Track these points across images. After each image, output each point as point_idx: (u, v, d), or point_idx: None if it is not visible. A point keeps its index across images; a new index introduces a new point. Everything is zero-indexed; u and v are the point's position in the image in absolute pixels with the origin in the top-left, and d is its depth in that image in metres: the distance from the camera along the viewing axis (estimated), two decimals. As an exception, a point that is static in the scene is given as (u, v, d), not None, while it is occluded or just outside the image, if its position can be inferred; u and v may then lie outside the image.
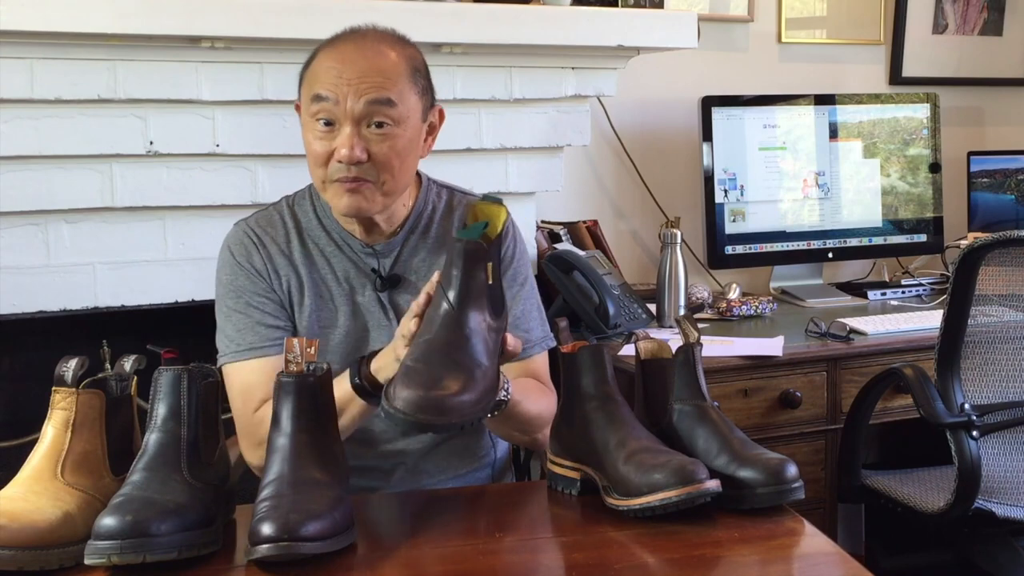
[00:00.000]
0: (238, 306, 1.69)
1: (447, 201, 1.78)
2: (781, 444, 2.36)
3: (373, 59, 1.60)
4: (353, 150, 1.57)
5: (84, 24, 2.09)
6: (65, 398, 1.29)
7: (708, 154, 2.96)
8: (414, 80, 1.63)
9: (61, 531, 1.21)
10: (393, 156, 1.60)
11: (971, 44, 3.54)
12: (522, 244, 1.80)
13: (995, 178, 3.35)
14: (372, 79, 1.58)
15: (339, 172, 1.60)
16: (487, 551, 1.28)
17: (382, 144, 1.59)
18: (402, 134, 1.60)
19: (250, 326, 1.68)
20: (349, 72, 1.58)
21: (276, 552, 1.16)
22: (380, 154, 1.59)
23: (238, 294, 1.70)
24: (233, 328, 1.69)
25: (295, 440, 1.28)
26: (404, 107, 1.60)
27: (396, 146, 1.60)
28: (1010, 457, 2.25)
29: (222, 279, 1.73)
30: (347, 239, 1.72)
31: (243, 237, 1.73)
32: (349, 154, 1.57)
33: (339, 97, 1.57)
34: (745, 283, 3.05)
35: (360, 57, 1.60)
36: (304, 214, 1.75)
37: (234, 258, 1.72)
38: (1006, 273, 2.19)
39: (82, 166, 2.23)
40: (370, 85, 1.57)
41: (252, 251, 1.71)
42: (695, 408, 1.43)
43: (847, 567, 1.24)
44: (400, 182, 1.64)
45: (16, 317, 2.25)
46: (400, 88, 1.60)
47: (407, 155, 1.63)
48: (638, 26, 2.60)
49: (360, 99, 1.57)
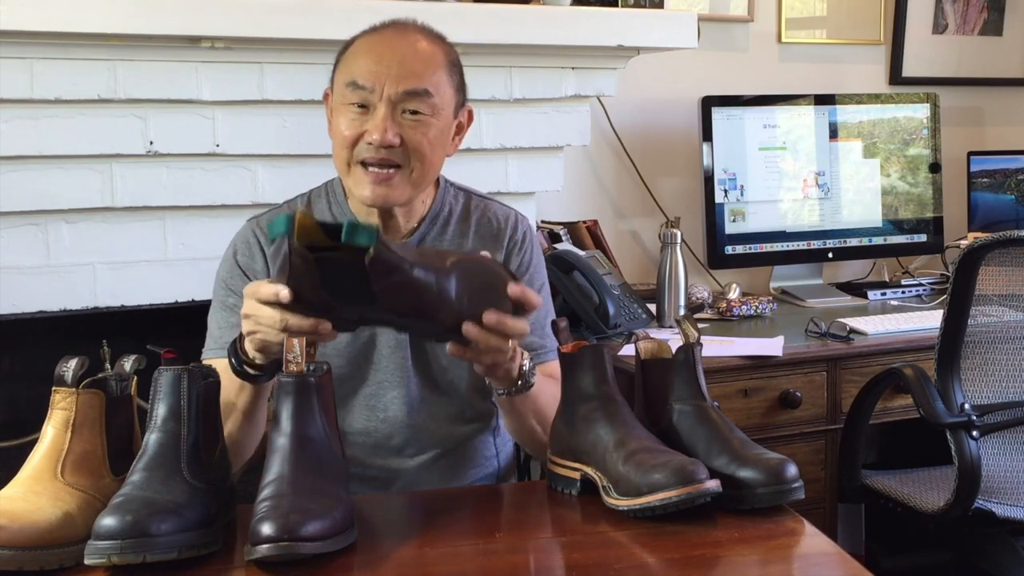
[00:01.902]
0: (226, 304, 1.70)
1: (464, 204, 1.77)
2: (781, 444, 2.36)
3: (413, 47, 1.61)
4: (386, 133, 1.57)
5: (84, 24, 2.09)
6: (65, 398, 1.29)
7: (708, 154, 2.96)
8: (451, 73, 1.65)
9: (61, 531, 1.21)
10: (425, 143, 1.60)
11: (971, 44, 3.54)
12: (539, 252, 1.81)
13: (995, 178, 3.35)
14: (411, 67, 1.59)
15: (366, 152, 1.59)
16: (487, 551, 1.28)
17: (415, 130, 1.59)
18: (436, 124, 1.61)
19: (233, 326, 1.68)
20: (389, 58, 1.59)
21: (276, 552, 1.16)
22: (413, 140, 1.59)
23: (229, 293, 1.70)
24: (216, 325, 1.71)
25: (295, 440, 1.28)
26: (440, 98, 1.61)
27: (429, 134, 1.60)
28: (1010, 457, 2.25)
29: (220, 274, 1.74)
30: None
31: (250, 236, 1.73)
32: (382, 137, 1.57)
33: (376, 84, 1.58)
34: (745, 283, 3.05)
35: (402, 45, 1.61)
36: (320, 210, 1.74)
37: (235, 258, 1.72)
38: (1006, 273, 2.20)
39: (82, 166, 2.23)
40: (409, 72, 1.58)
41: (256, 253, 1.71)
42: (695, 408, 1.43)
43: (847, 567, 1.24)
44: (428, 173, 1.64)
45: (16, 317, 2.25)
46: (437, 79, 1.61)
47: (438, 146, 1.63)
48: (638, 26, 2.60)
49: (398, 86, 1.58)
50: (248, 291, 1.36)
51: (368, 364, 1.71)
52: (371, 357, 1.71)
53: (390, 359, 1.70)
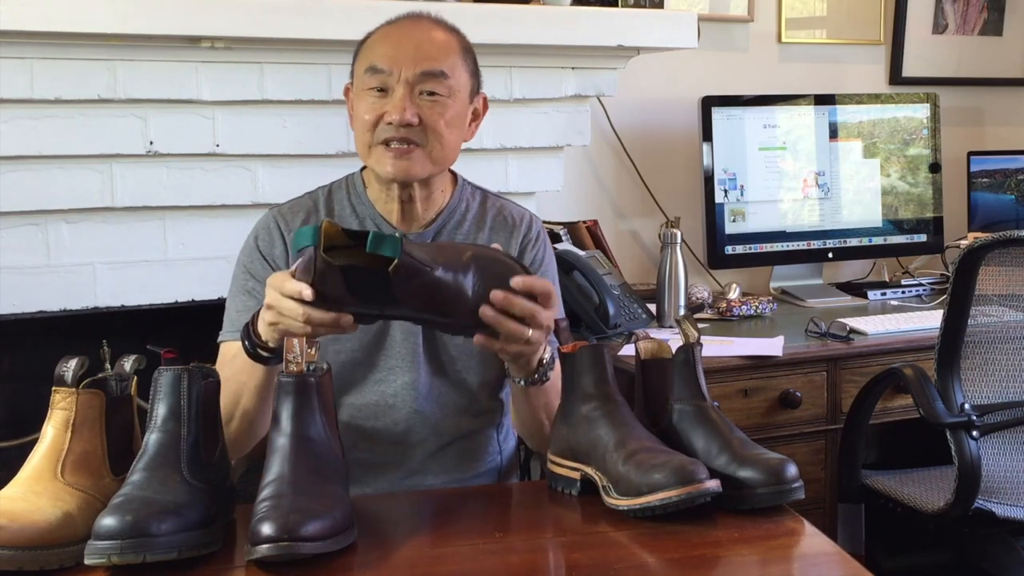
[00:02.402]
0: (246, 288, 1.73)
1: (480, 202, 1.81)
2: (781, 444, 2.36)
3: (428, 34, 1.70)
4: (405, 112, 1.63)
5: (84, 24, 2.09)
6: (65, 398, 1.29)
7: (708, 154, 2.96)
8: (465, 58, 1.72)
9: (61, 531, 1.21)
10: (443, 123, 1.66)
11: (971, 44, 3.54)
12: (551, 251, 1.86)
13: (995, 178, 3.35)
14: (427, 50, 1.66)
15: (387, 132, 1.65)
16: (487, 551, 1.28)
17: (433, 110, 1.65)
18: (452, 105, 1.67)
19: (250, 309, 1.69)
20: (406, 44, 1.66)
21: (276, 552, 1.16)
22: (431, 119, 1.65)
23: (249, 277, 1.74)
24: (235, 309, 1.73)
25: (295, 440, 1.28)
26: (455, 81, 1.68)
27: (446, 114, 1.66)
28: (1010, 457, 2.25)
29: (241, 260, 1.77)
30: (380, 224, 1.74)
31: (271, 223, 1.76)
32: (401, 116, 1.63)
33: (393, 67, 1.65)
34: (745, 283, 3.05)
35: (417, 31, 1.69)
36: (339, 202, 1.77)
37: (256, 243, 1.75)
38: (1006, 273, 2.20)
39: (82, 166, 2.23)
40: (425, 56, 1.65)
41: (276, 239, 1.74)
42: (695, 408, 1.43)
43: (847, 567, 1.24)
44: (447, 152, 1.69)
45: (16, 317, 2.25)
46: (452, 62, 1.68)
47: (455, 127, 1.69)
48: (638, 26, 2.60)
49: (415, 68, 1.64)
50: (272, 283, 1.39)
51: (380, 349, 1.72)
52: (383, 343, 1.73)
53: (402, 345, 1.72)
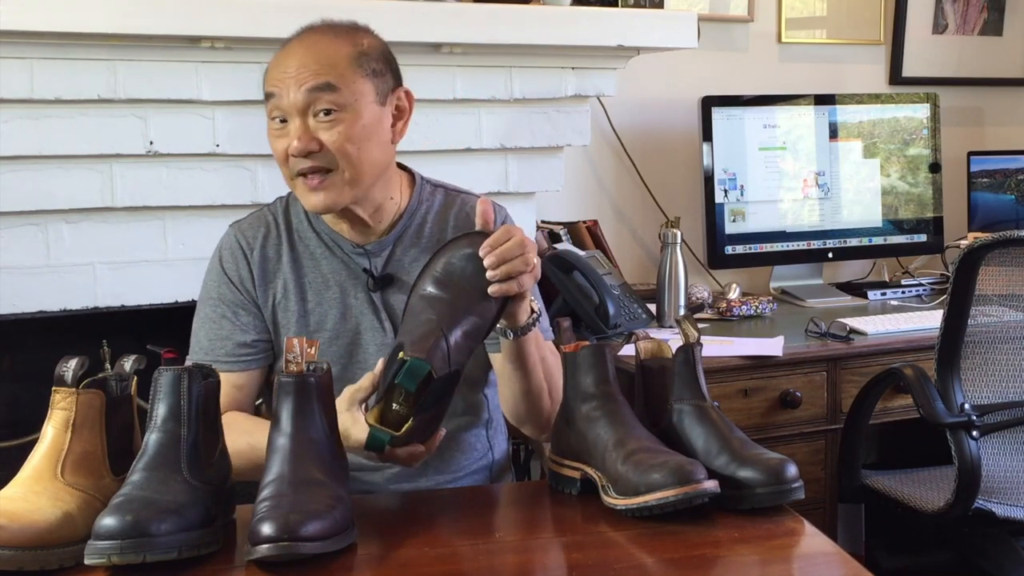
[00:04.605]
0: (216, 315, 1.71)
1: (441, 200, 1.77)
2: (781, 444, 2.36)
3: (311, 48, 1.61)
4: (301, 141, 1.58)
5: (84, 24, 2.09)
6: (65, 398, 1.29)
7: (708, 154, 2.96)
8: (359, 63, 1.61)
9: (61, 531, 1.21)
10: (346, 142, 1.58)
11: (971, 44, 3.54)
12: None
13: (995, 178, 3.35)
14: (310, 67, 1.58)
15: (298, 165, 1.60)
16: (487, 551, 1.28)
17: (331, 131, 1.58)
18: (351, 119, 1.59)
19: (222, 338, 1.70)
20: (289, 64, 1.59)
21: (276, 552, 1.16)
22: (331, 141, 1.58)
23: (219, 303, 1.71)
24: (206, 336, 1.71)
25: (295, 440, 1.28)
26: (349, 91, 1.59)
27: (347, 132, 1.58)
28: (1010, 457, 2.25)
29: (208, 284, 1.74)
30: (337, 240, 1.72)
31: (234, 244, 1.73)
32: (299, 146, 1.57)
33: (283, 91, 1.59)
34: (745, 283, 3.05)
35: (300, 49, 1.61)
36: (296, 215, 1.75)
37: (222, 266, 1.73)
38: (1006, 273, 2.20)
39: (82, 166, 2.23)
40: (309, 73, 1.58)
41: (240, 261, 1.72)
42: (695, 408, 1.43)
43: (847, 567, 1.24)
44: (364, 169, 1.62)
45: (16, 317, 2.25)
46: (341, 72, 1.59)
47: (363, 140, 1.61)
48: (638, 26, 2.60)
49: (300, 88, 1.58)
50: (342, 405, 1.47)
51: (353, 362, 1.71)
52: (356, 355, 1.71)
53: (376, 356, 1.68)
